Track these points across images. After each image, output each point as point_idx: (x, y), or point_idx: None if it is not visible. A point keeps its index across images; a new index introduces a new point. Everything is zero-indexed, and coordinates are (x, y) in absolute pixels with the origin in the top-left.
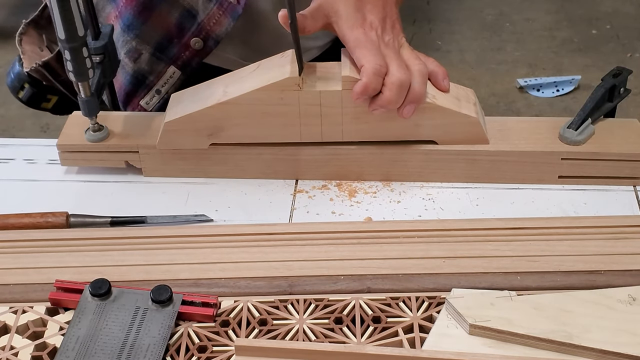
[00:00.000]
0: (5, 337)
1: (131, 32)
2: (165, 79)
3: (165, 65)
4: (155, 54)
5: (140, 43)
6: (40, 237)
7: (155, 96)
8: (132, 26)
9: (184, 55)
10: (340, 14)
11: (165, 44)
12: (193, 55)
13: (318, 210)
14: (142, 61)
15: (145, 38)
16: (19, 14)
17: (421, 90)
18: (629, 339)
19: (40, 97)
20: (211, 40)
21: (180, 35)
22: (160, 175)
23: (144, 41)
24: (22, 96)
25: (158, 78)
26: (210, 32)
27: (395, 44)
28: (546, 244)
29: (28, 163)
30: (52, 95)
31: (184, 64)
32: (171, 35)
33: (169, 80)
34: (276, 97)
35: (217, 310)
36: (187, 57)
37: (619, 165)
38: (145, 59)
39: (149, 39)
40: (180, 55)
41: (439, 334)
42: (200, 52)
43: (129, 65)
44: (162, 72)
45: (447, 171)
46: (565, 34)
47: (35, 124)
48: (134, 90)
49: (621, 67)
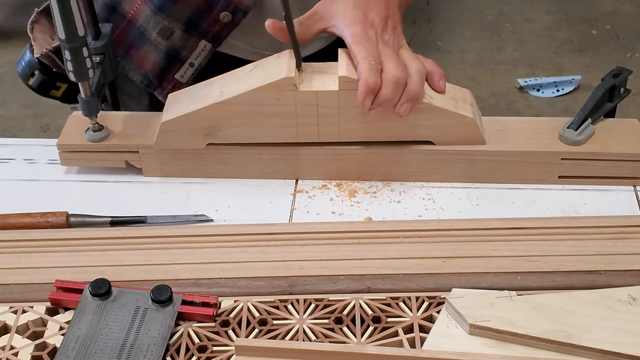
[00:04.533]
0: (5, 337)
1: (163, 12)
2: (197, 52)
3: (196, 39)
4: (187, 30)
5: (172, 22)
6: (40, 237)
7: (189, 69)
8: (163, 7)
9: (214, 29)
10: (338, 16)
11: (196, 20)
12: (222, 29)
13: (318, 210)
14: (174, 38)
15: (177, 17)
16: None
17: (418, 89)
18: (629, 339)
19: (50, 85)
20: (240, 13)
21: (209, 10)
22: (160, 175)
23: (175, 19)
24: (32, 83)
25: (190, 52)
26: (238, 4)
27: (394, 44)
28: (546, 244)
29: (28, 163)
30: (61, 83)
31: (214, 37)
32: (201, 12)
33: (201, 54)
34: (273, 97)
35: (217, 310)
36: (217, 30)
37: (619, 165)
38: (178, 36)
39: (180, 17)
40: (210, 29)
41: (439, 334)
42: (229, 25)
43: (162, 43)
44: (194, 46)
45: (447, 171)
46: (565, 34)
47: (35, 124)
48: (167, 66)
49: (621, 67)
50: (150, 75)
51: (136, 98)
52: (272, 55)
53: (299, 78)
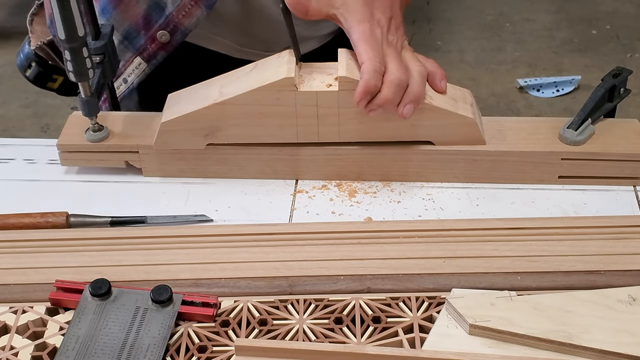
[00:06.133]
0: (5, 337)
1: (104, 16)
2: (132, 69)
3: (132, 54)
4: (124, 42)
5: None
6: (40, 237)
7: (122, 84)
8: (105, 10)
9: (150, 47)
10: (348, 6)
11: (133, 34)
12: (159, 49)
13: (318, 210)
14: None
15: (116, 24)
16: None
17: (420, 91)
18: (629, 339)
19: (46, 77)
20: (179, 34)
21: (147, 27)
22: (160, 175)
23: (115, 27)
24: (29, 74)
25: (125, 67)
26: (178, 24)
27: (398, 45)
28: (546, 244)
29: (28, 163)
30: (58, 76)
31: (149, 56)
32: (138, 27)
33: (134, 71)
34: (272, 98)
35: (217, 310)
36: (153, 49)
37: (619, 165)
38: (116, 45)
39: (118, 26)
40: (146, 47)
41: (439, 334)
42: (166, 46)
43: None
44: (129, 61)
45: (447, 171)
46: (565, 34)
47: (35, 124)
48: None
49: (621, 67)
50: (117, 98)
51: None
52: (272, 56)
53: (299, 78)
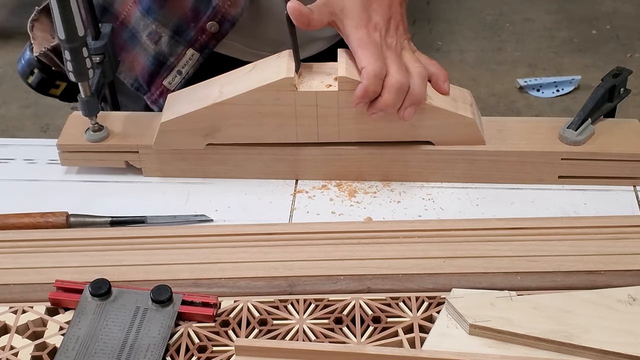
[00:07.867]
0: (5, 337)
1: (150, 16)
2: (185, 61)
3: (183, 47)
4: (174, 37)
5: (160, 26)
6: (40, 237)
7: (177, 76)
8: (150, 10)
9: (201, 38)
10: (346, 12)
11: (183, 27)
12: (209, 39)
13: (318, 210)
14: (162, 43)
15: (164, 22)
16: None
17: (421, 92)
18: (629, 339)
19: (49, 83)
20: (227, 23)
21: (196, 19)
22: (160, 175)
23: (162, 24)
24: (32, 81)
25: (178, 60)
26: (225, 14)
27: (397, 47)
28: (546, 244)
29: (28, 163)
30: (61, 82)
31: (201, 46)
32: (187, 20)
33: (188, 62)
34: (272, 98)
35: (217, 310)
36: (204, 40)
37: (619, 165)
38: (165, 42)
39: (167, 23)
40: (198, 39)
41: (439, 334)
42: (216, 35)
43: (150, 47)
44: (182, 54)
45: (447, 171)
46: (565, 34)
47: (35, 124)
48: (156, 71)
49: (621, 67)
50: (140, 79)
51: (133, 98)
52: (272, 56)
53: (299, 78)
